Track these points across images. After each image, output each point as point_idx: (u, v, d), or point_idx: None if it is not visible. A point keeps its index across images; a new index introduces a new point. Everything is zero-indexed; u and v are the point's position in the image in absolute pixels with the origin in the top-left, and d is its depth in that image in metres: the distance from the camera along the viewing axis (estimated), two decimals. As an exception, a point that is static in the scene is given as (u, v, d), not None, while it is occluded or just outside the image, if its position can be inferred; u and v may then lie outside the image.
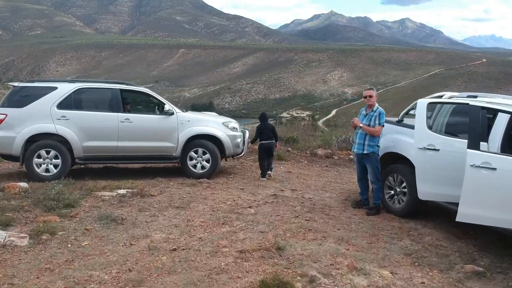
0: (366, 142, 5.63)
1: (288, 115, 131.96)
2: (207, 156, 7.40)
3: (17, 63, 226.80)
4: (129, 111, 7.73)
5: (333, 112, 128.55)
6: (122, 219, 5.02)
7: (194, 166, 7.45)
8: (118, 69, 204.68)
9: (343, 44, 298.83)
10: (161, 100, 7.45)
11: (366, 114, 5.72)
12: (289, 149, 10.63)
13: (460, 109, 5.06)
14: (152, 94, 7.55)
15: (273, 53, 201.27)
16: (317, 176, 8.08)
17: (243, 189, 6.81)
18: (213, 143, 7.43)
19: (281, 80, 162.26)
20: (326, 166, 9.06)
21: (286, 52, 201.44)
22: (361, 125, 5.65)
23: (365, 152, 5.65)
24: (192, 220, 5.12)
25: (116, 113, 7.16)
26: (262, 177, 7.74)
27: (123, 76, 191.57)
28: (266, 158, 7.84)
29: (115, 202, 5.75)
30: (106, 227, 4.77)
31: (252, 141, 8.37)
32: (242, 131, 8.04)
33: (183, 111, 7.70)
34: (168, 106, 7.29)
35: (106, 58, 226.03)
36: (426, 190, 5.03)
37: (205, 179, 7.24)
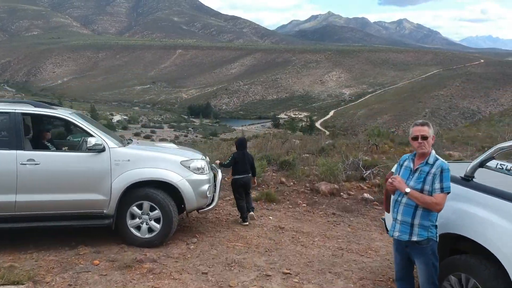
0: (417, 221, 3.13)
1: (286, 116, 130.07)
2: (157, 212, 4.90)
3: (13, 64, 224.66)
4: (50, 144, 5.29)
5: (331, 113, 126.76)
6: None
7: (138, 228, 4.94)
8: (115, 70, 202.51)
9: (341, 45, 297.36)
10: (87, 129, 4.91)
11: (416, 169, 3.21)
12: (283, 179, 8.13)
13: None
14: (72, 119, 4.95)
15: (270, 54, 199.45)
16: (321, 236, 5.54)
17: (206, 273, 4.30)
18: (166, 192, 4.94)
19: (279, 81, 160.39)
20: (333, 214, 6.51)
21: (284, 53, 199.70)
22: (407, 190, 3.13)
23: (413, 238, 3.16)
24: None
25: (14, 151, 4.64)
26: (244, 222, 5.90)
27: (120, 77, 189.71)
28: (243, 196, 5.98)
29: (-32, 325, 3.27)
30: None
31: (224, 165, 6.11)
32: (213, 170, 5.59)
33: (124, 143, 5.23)
34: (95, 139, 4.75)
35: (103, 59, 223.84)
36: None
37: (149, 255, 4.65)
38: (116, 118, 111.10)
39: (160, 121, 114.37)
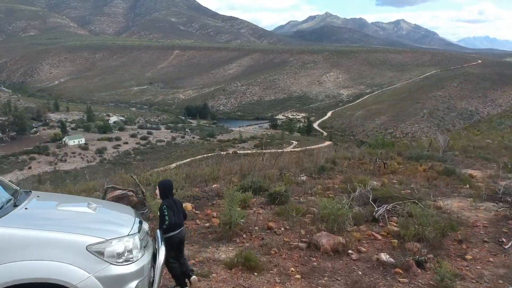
0: None
1: (283, 117, 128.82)
2: None
3: (10, 64, 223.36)
4: None
5: (329, 113, 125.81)
6: None
7: None
8: (112, 71, 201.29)
9: (339, 45, 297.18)
10: None
11: None
12: (272, 224, 6.42)
13: None
14: None
15: (268, 55, 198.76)
16: None
17: None
18: None
19: (276, 82, 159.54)
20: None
21: (282, 53, 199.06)
22: None
23: None
24: None
25: None
26: None
27: (118, 78, 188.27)
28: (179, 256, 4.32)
29: None
30: None
31: (168, 228, 4.13)
32: (153, 249, 3.61)
33: (3, 209, 3.07)
34: None
35: (100, 60, 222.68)
36: None
37: None
38: (113, 119, 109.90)
39: (157, 122, 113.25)
